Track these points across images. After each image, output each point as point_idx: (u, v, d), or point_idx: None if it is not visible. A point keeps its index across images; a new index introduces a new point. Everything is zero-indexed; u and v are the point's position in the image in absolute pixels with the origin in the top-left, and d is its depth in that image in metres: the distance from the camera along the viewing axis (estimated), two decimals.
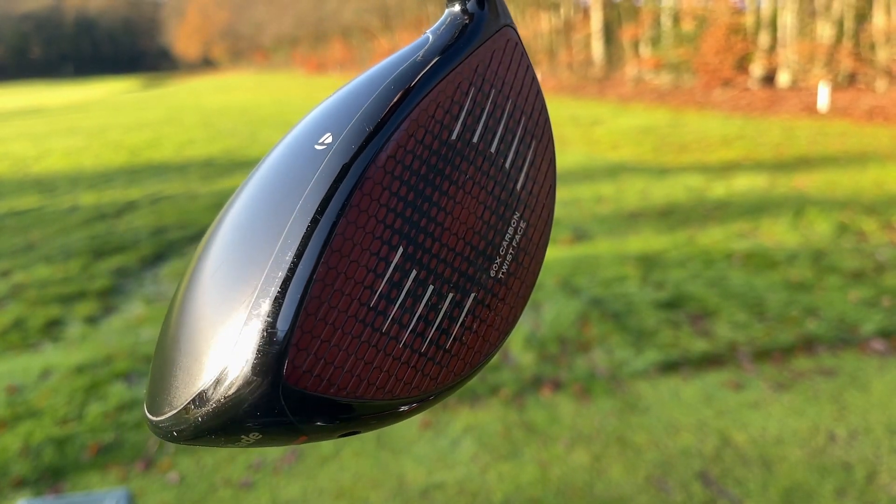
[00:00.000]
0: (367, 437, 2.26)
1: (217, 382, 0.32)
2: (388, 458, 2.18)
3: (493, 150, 0.37)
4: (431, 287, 0.35)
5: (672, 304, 3.22)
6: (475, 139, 0.36)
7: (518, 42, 0.39)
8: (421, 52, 0.36)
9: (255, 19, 55.42)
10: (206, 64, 74.69)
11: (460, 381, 0.37)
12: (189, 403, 0.33)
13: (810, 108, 10.81)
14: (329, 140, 0.34)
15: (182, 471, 2.16)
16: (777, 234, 4.32)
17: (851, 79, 13.24)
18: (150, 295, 3.83)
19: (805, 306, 3.15)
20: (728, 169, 6.53)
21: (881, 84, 12.43)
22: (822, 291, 3.33)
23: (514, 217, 0.38)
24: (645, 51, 18.53)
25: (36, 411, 2.52)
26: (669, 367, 2.65)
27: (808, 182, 5.78)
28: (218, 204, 6.06)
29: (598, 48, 20.17)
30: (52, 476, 2.16)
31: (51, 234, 5.31)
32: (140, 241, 4.95)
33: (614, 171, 6.61)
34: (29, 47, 79.44)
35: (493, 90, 0.37)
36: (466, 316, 0.36)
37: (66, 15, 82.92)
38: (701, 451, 2.15)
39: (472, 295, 0.36)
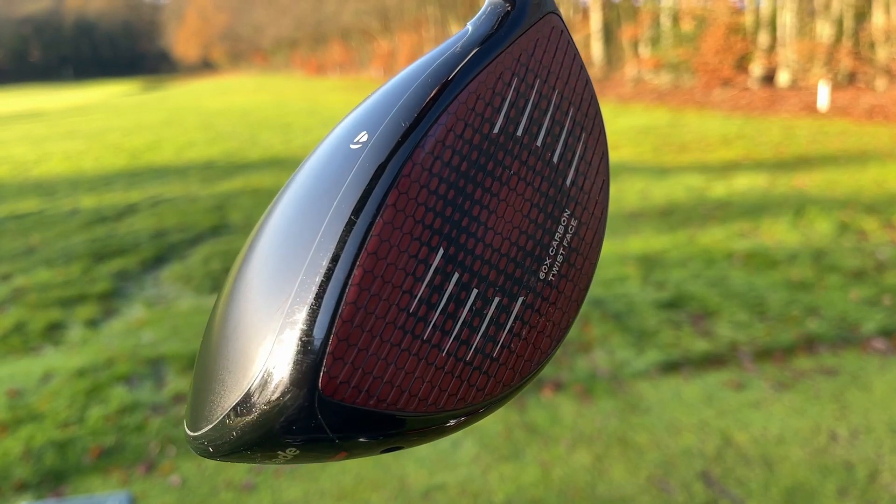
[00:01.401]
0: None
1: (251, 395, 0.31)
2: (389, 460, 2.17)
3: (539, 143, 0.35)
4: (475, 291, 0.32)
5: (673, 304, 3.22)
6: (519, 132, 0.34)
7: (564, 30, 0.37)
8: (460, 44, 0.34)
9: (254, 21, 55.46)
10: (206, 66, 74.80)
11: (510, 391, 0.35)
12: (224, 417, 0.32)
13: (810, 108, 10.81)
14: (364, 138, 0.32)
15: (184, 474, 2.15)
16: (777, 233, 4.32)
17: (851, 78, 13.24)
18: (150, 298, 3.83)
19: (806, 306, 3.15)
20: (728, 168, 6.53)
21: (881, 83, 12.44)
22: (822, 291, 3.33)
23: (565, 215, 0.36)
24: (644, 51, 18.53)
25: (37, 415, 2.52)
26: (670, 367, 2.65)
27: (808, 181, 5.78)
28: (218, 206, 6.07)
29: (597, 48, 20.17)
30: (53, 479, 2.16)
31: (51, 237, 5.31)
32: (140, 244, 4.95)
33: (614, 172, 6.60)
34: (28, 50, 79.52)
35: (538, 80, 0.35)
36: (514, 321, 0.34)
37: (65, 18, 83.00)
38: (702, 451, 2.15)
39: (521, 299, 0.34)
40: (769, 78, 14.83)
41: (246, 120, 14.92)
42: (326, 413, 0.30)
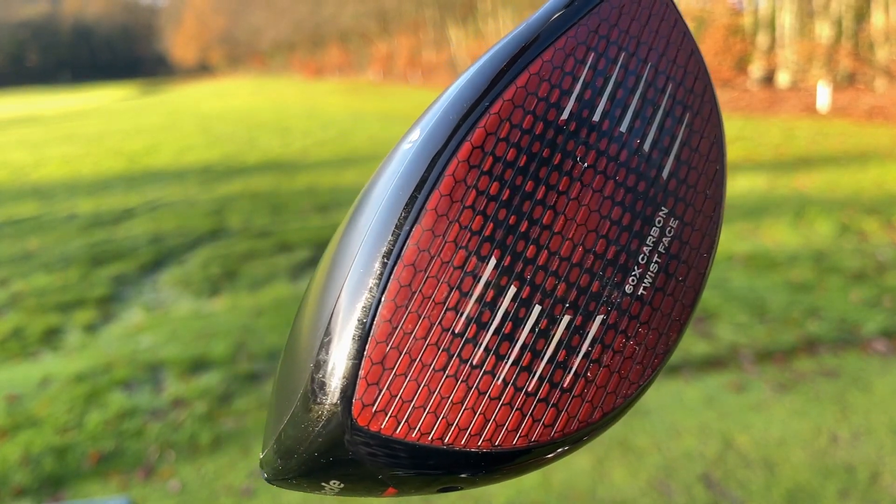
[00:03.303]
0: None
1: (291, 424, 0.29)
2: None
3: (623, 129, 0.29)
4: (538, 308, 0.28)
5: None
6: (596, 117, 0.29)
7: None
8: (526, 22, 0.30)
9: (252, 25, 55.47)
10: (204, 70, 74.81)
11: (591, 429, 0.30)
12: (273, 445, 0.31)
13: (810, 108, 10.82)
14: (415, 136, 0.29)
15: (183, 478, 2.15)
16: (778, 234, 4.32)
17: (851, 78, 13.24)
18: (149, 302, 3.83)
19: (806, 307, 3.14)
20: (728, 170, 6.51)
21: (880, 83, 12.44)
22: (823, 292, 3.32)
23: (660, 214, 0.30)
24: None
25: (36, 420, 2.51)
26: (671, 369, 2.64)
27: (808, 182, 5.78)
28: (217, 210, 6.06)
29: None
30: (52, 485, 2.15)
31: (49, 241, 5.30)
32: (139, 248, 4.94)
33: None
34: (26, 54, 79.53)
35: (624, 54, 0.30)
36: (592, 345, 0.29)
37: (63, 22, 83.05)
38: (703, 453, 2.14)
39: (600, 318, 0.29)
40: (769, 79, 14.84)
41: (244, 123, 14.92)
42: (362, 445, 0.28)
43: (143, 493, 2.10)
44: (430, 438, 0.28)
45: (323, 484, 0.30)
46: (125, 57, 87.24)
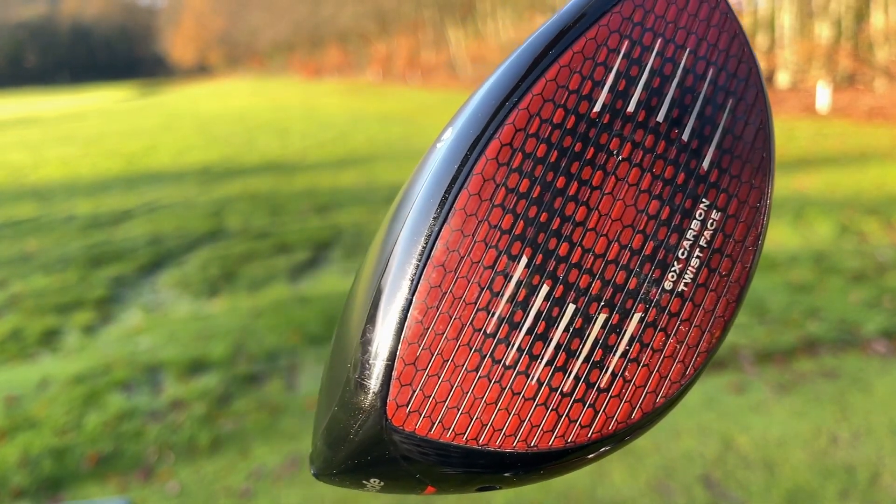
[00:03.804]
0: None
1: (332, 422, 0.29)
2: None
3: (660, 118, 0.28)
4: (573, 307, 0.27)
5: None
6: (631, 108, 0.28)
7: None
8: (557, 13, 0.29)
9: (250, 25, 55.48)
10: (202, 70, 74.87)
11: (631, 430, 0.29)
12: (319, 440, 0.31)
13: (809, 109, 10.82)
14: (447, 135, 0.29)
15: (182, 480, 2.14)
16: (778, 235, 4.31)
17: (850, 79, 13.25)
18: (147, 304, 3.82)
19: (806, 308, 3.14)
20: None
21: (880, 84, 12.44)
22: (823, 292, 3.32)
23: (701, 206, 0.29)
24: None
25: (34, 421, 2.51)
26: None
27: (808, 183, 5.77)
28: (216, 211, 6.06)
29: None
30: (50, 486, 2.15)
31: (48, 243, 5.30)
32: (137, 249, 4.94)
33: None
34: (24, 55, 79.54)
35: (660, 40, 0.29)
36: (630, 344, 0.28)
37: (61, 23, 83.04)
38: (703, 454, 2.14)
39: (638, 315, 0.28)
40: (768, 79, 14.82)
41: (243, 124, 14.91)
42: (398, 445, 0.28)
43: (142, 495, 2.09)
44: (464, 439, 0.27)
45: (364, 482, 0.30)
46: (124, 58, 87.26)
